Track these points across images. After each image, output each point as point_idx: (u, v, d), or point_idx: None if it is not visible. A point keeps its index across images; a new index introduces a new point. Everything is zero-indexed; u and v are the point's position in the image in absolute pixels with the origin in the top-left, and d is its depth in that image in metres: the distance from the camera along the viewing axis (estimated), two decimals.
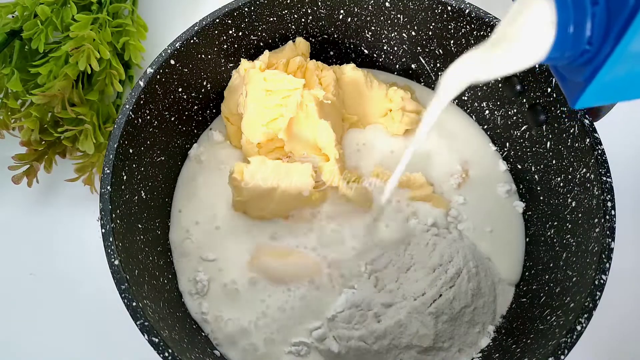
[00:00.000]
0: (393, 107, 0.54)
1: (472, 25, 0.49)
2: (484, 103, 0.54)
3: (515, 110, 0.51)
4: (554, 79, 0.45)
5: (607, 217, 0.41)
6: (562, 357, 0.38)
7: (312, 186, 0.47)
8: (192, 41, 0.47)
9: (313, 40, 0.55)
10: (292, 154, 0.49)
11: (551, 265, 0.46)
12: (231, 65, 0.53)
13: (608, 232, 0.40)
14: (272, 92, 0.48)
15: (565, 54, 0.28)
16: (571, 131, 0.45)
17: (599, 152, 0.43)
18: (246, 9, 0.49)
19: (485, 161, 0.54)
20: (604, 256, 0.40)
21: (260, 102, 0.48)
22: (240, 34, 0.51)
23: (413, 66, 0.57)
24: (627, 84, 0.27)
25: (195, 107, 0.53)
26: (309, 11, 0.52)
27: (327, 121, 0.48)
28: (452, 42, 0.52)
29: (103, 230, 0.40)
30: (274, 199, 0.48)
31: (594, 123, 0.44)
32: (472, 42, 0.49)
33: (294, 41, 0.53)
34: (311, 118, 0.48)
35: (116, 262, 0.39)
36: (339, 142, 0.50)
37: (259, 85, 0.48)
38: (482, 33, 0.49)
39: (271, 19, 0.51)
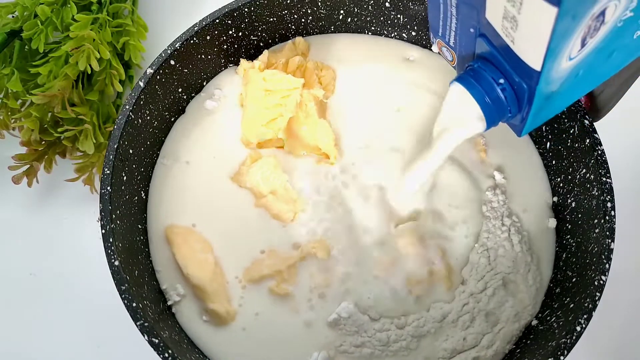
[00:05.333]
0: None
1: None
2: None
3: None
4: None
5: (607, 217, 0.41)
6: (562, 357, 0.38)
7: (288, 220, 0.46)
8: (192, 41, 0.47)
9: None
10: (292, 153, 0.49)
11: (550, 265, 0.46)
12: (231, 65, 0.53)
13: (608, 233, 0.40)
14: (272, 92, 0.48)
15: (498, 120, 0.36)
16: (571, 131, 0.45)
17: (599, 152, 0.43)
18: (246, 9, 0.49)
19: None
20: (603, 257, 0.40)
21: (260, 102, 0.48)
22: (240, 34, 0.51)
23: None
24: (552, 112, 0.35)
25: None
26: (309, 11, 0.52)
27: (327, 120, 0.48)
28: None
29: (103, 231, 0.40)
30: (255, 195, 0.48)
31: (594, 123, 0.44)
32: None
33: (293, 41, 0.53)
34: (311, 118, 0.48)
35: (116, 263, 0.39)
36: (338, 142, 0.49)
37: (258, 85, 0.48)
38: None
39: (271, 19, 0.51)
